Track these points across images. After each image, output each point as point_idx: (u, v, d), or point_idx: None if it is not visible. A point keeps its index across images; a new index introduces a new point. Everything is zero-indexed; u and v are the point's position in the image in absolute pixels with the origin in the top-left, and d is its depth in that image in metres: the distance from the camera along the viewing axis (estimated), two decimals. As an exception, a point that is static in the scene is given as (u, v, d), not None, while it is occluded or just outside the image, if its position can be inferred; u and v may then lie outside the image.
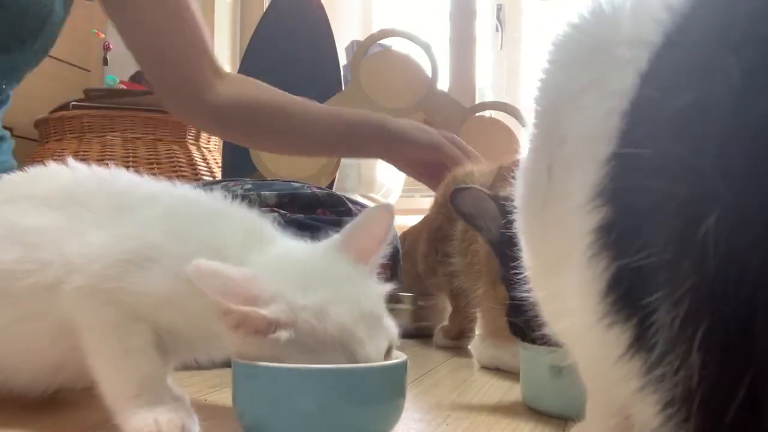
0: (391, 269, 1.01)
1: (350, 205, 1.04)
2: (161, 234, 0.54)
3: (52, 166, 0.64)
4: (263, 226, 0.59)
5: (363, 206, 1.09)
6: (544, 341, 0.49)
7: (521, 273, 0.48)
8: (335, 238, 0.58)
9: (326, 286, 0.52)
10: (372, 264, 0.57)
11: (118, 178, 0.62)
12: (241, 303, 0.49)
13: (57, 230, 0.56)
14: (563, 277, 0.39)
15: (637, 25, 0.37)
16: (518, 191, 0.47)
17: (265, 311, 0.50)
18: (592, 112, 0.37)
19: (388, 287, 0.57)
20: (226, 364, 0.57)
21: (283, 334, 0.50)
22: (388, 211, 0.59)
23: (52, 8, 0.95)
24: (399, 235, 1.17)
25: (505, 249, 0.63)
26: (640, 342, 0.32)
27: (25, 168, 0.65)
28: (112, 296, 0.52)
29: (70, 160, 0.64)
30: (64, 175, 0.62)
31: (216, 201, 0.60)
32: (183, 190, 0.62)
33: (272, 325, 0.50)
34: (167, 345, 0.54)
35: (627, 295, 0.33)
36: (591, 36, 0.41)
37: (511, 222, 0.49)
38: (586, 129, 0.38)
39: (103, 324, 0.53)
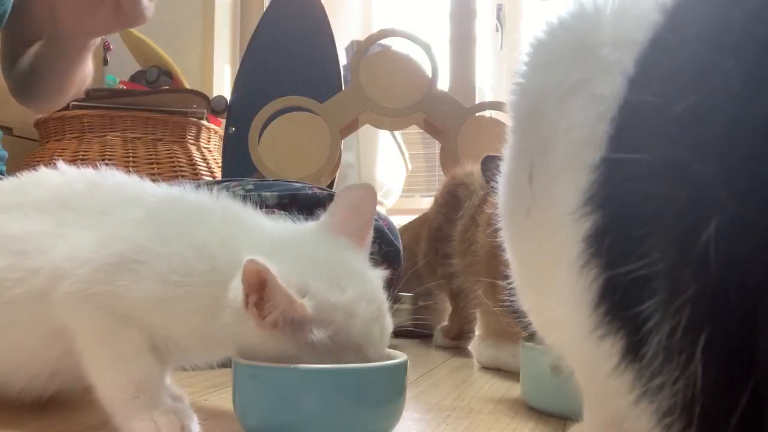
0: (392, 274, 1.00)
1: None
2: (145, 236, 0.54)
3: (43, 170, 0.64)
4: (247, 215, 0.58)
5: None
6: None
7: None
8: (325, 220, 0.58)
9: (350, 282, 0.51)
10: (366, 247, 0.57)
11: (106, 179, 0.62)
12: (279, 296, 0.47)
13: (44, 236, 0.55)
14: (551, 287, 0.38)
15: (621, 26, 0.36)
16: (500, 198, 0.45)
17: (308, 307, 0.48)
18: (579, 116, 0.36)
19: (384, 273, 0.56)
20: (227, 364, 0.57)
21: (319, 334, 0.49)
22: (370, 191, 0.59)
23: None
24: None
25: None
26: (634, 353, 0.31)
27: (21, 172, 0.64)
28: (103, 300, 0.52)
29: (60, 163, 0.64)
30: (54, 178, 0.62)
31: (198, 197, 0.59)
32: (166, 189, 0.62)
33: (309, 323, 0.49)
34: (161, 349, 0.54)
35: (619, 306, 0.32)
36: (572, 36, 0.39)
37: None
38: (573, 133, 0.36)
39: (96, 330, 0.53)
